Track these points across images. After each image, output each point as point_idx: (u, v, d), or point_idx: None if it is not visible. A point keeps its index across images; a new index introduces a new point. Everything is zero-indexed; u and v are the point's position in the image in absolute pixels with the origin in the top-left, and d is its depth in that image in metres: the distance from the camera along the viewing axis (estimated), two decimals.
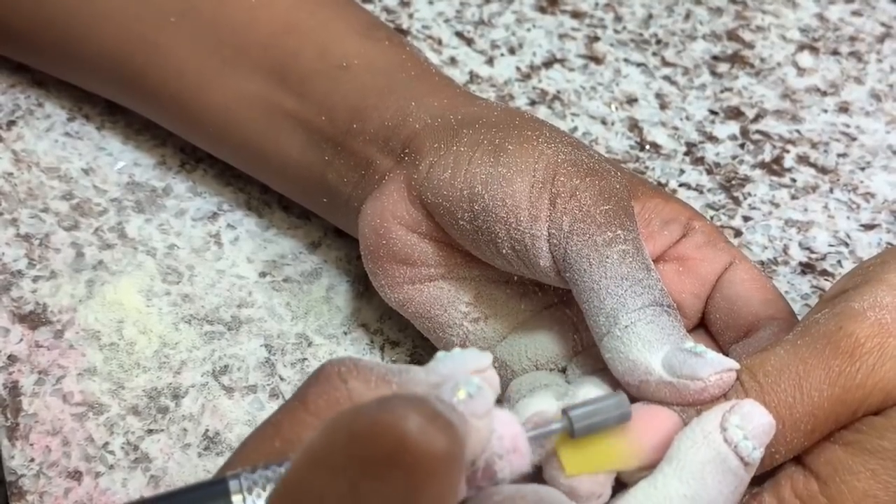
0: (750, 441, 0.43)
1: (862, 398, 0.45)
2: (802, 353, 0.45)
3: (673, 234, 0.52)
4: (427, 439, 0.33)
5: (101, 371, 0.55)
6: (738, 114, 0.67)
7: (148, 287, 0.58)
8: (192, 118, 0.59)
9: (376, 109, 0.54)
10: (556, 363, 0.52)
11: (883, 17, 0.72)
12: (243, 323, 0.57)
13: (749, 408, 0.44)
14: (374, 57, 0.56)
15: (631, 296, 0.47)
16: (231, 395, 0.55)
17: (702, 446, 0.43)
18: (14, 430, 0.53)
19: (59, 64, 0.63)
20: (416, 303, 0.53)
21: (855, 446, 0.45)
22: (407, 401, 0.35)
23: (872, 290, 0.46)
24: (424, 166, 0.51)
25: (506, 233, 0.49)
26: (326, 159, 0.55)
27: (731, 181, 0.64)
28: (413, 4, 0.71)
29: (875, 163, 0.65)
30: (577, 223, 0.48)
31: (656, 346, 0.46)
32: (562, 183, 0.49)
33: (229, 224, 0.61)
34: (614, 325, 0.46)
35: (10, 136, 0.64)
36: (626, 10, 0.72)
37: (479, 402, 0.39)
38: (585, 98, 0.67)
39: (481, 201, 0.49)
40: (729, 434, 0.43)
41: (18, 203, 0.61)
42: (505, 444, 0.41)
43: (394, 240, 0.52)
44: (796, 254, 0.61)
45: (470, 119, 0.52)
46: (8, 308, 0.57)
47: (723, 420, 0.44)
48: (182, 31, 0.58)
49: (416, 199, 0.52)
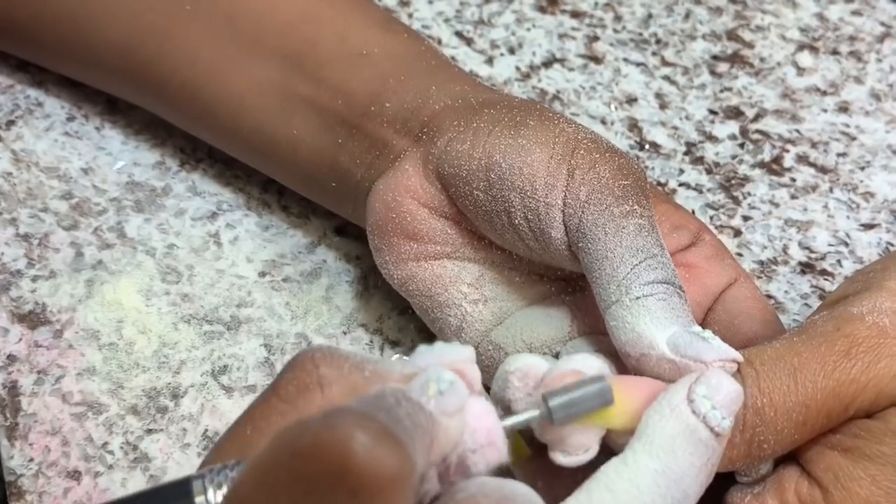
0: (718, 410, 0.43)
1: (855, 393, 0.45)
2: (798, 347, 0.45)
3: (682, 239, 0.52)
4: (373, 460, 0.32)
5: (101, 371, 0.55)
6: (737, 113, 0.67)
7: (147, 287, 0.58)
8: (202, 107, 0.59)
9: (395, 93, 0.54)
10: (549, 348, 0.52)
11: (883, 17, 0.72)
12: (243, 323, 0.57)
13: (716, 378, 0.43)
14: (393, 46, 0.57)
15: (645, 269, 0.46)
16: (230, 394, 0.55)
17: (670, 419, 0.43)
18: (13, 429, 0.53)
19: (63, 58, 0.63)
20: (418, 280, 0.54)
21: (854, 452, 0.45)
22: (353, 417, 0.34)
23: (872, 296, 0.46)
24: (443, 142, 0.51)
25: (520, 201, 0.49)
26: (340, 142, 0.55)
27: (730, 181, 0.64)
28: (413, 4, 0.71)
29: (875, 162, 0.65)
30: (595, 193, 0.48)
31: (664, 324, 0.45)
32: (581, 156, 0.49)
33: (229, 224, 0.61)
34: (625, 294, 0.46)
35: (9, 136, 0.64)
36: (626, 10, 0.72)
37: (451, 399, 0.39)
38: (585, 98, 0.67)
39: (498, 170, 0.49)
40: (696, 405, 0.43)
41: (18, 203, 0.61)
42: (478, 438, 0.40)
43: (404, 213, 0.52)
44: (796, 253, 0.61)
45: (491, 102, 0.53)
46: (7, 308, 0.57)
47: (689, 391, 0.43)
48: (196, 19, 0.58)
49: (431, 173, 0.52)
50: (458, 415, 0.39)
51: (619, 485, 0.42)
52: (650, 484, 0.42)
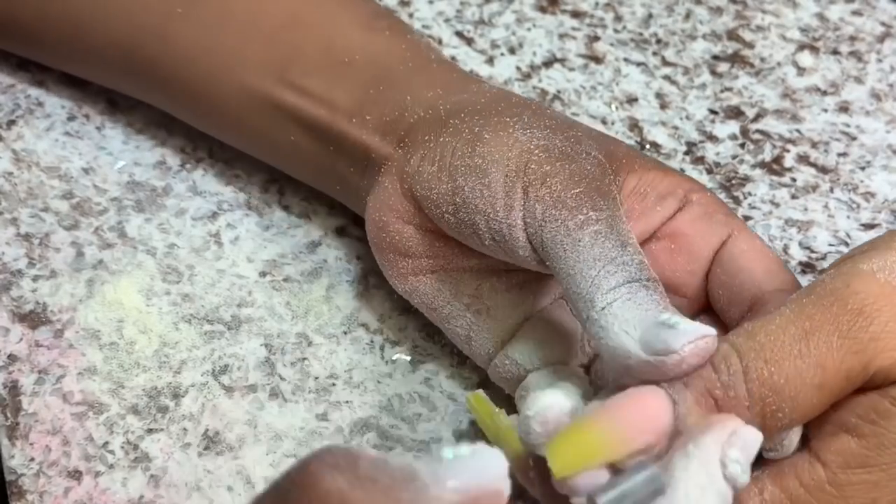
0: (746, 471, 0.43)
1: (875, 352, 0.43)
2: (808, 310, 0.44)
3: (668, 209, 0.51)
4: None
5: (101, 370, 0.55)
6: (738, 113, 0.67)
7: (148, 286, 0.58)
8: (204, 110, 0.60)
9: (375, 104, 0.55)
10: (565, 361, 0.51)
11: (883, 17, 0.72)
12: (243, 322, 0.57)
13: (747, 436, 0.43)
14: (375, 50, 0.57)
15: (605, 276, 0.45)
16: (231, 394, 0.55)
17: (708, 492, 0.42)
18: (14, 429, 0.53)
19: (66, 56, 0.63)
20: (420, 293, 0.54)
21: (870, 439, 0.44)
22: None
23: (881, 254, 0.45)
24: (415, 160, 0.52)
25: (485, 224, 0.49)
26: (332, 149, 0.56)
27: (731, 181, 0.64)
28: (413, 4, 0.71)
29: (875, 162, 0.65)
30: (549, 210, 0.47)
31: (634, 325, 0.44)
32: (533, 171, 0.48)
33: (229, 223, 0.61)
34: (591, 308, 0.45)
35: (10, 136, 0.64)
36: (627, 10, 0.72)
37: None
38: (585, 98, 0.67)
39: (462, 193, 0.49)
40: (730, 472, 0.42)
41: (18, 202, 0.61)
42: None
43: (392, 232, 0.53)
44: (796, 253, 0.61)
45: (458, 108, 0.52)
46: (8, 307, 0.57)
47: (722, 455, 0.42)
48: (188, 22, 0.58)
49: (407, 191, 0.52)
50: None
51: None
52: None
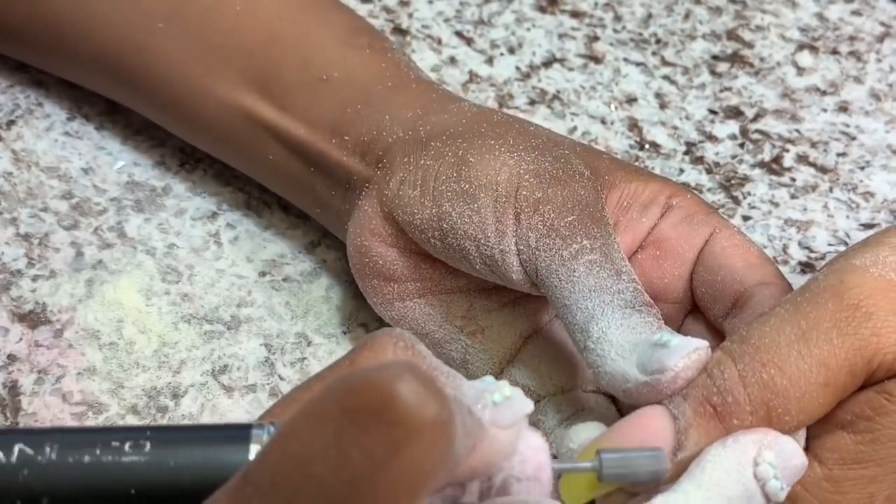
0: (780, 481, 0.42)
1: (877, 347, 0.43)
2: (804, 308, 0.44)
3: (651, 218, 0.51)
4: (416, 401, 0.33)
5: (101, 370, 0.55)
6: (737, 113, 0.67)
7: (147, 286, 0.58)
8: (186, 123, 0.59)
9: (353, 125, 0.54)
10: (575, 380, 0.51)
11: (882, 17, 0.72)
12: (243, 322, 0.57)
13: (787, 446, 0.42)
14: (354, 67, 0.56)
15: (599, 306, 0.45)
16: (230, 394, 0.55)
17: (733, 478, 0.42)
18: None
19: (57, 63, 0.63)
20: (409, 319, 0.53)
21: (865, 435, 0.43)
22: (406, 365, 0.34)
23: (873, 250, 0.45)
24: (395, 183, 0.51)
25: (476, 249, 0.49)
26: (312, 171, 0.55)
27: (730, 181, 0.64)
28: (413, 4, 0.71)
29: (874, 162, 0.65)
30: (543, 238, 0.47)
31: (630, 350, 0.44)
32: (524, 197, 0.48)
33: (229, 223, 0.61)
34: (588, 338, 0.45)
35: (9, 136, 0.64)
36: (626, 10, 0.72)
37: (505, 412, 0.38)
38: (585, 97, 0.67)
39: (449, 220, 0.49)
40: (761, 470, 0.42)
41: (18, 202, 0.61)
42: (527, 469, 0.39)
43: (374, 257, 0.52)
44: (796, 253, 0.61)
45: (438, 130, 0.52)
46: (7, 307, 0.57)
47: (757, 453, 0.42)
48: (169, 36, 0.58)
49: (388, 214, 0.51)
50: (510, 431, 0.38)
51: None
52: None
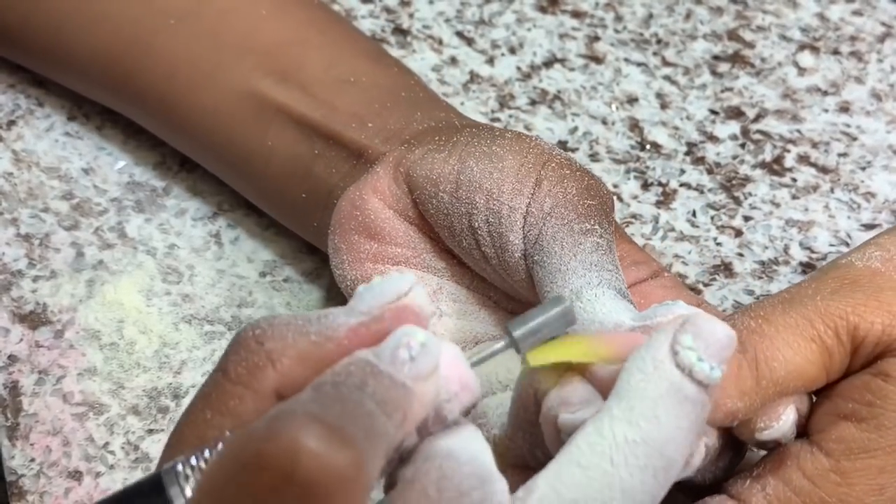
0: (706, 361, 0.39)
1: (863, 316, 0.43)
2: (790, 289, 0.45)
3: (640, 273, 0.51)
4: (319, 465, 0.32)
5: (102, 371, 0.55)
6: (738, 113, 0.67)
7: (148, 287, 0.58)
8: (177, 122, 0.59)
9: (379, 116, 0.55)
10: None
11: (883, 17, 0.72)
12: (243, 322, 0.57)
13: (702, 324, 0.40)
14: (382, 77, 0.57)
15: (597, 278, 0.46)
16: None
17: (652, 378, 0.39)
18: (14, 429, 0.53)
19: (51, 65, 0.63)
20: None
21: (869, 422, 0.43)
22: (297, 421, 0.33)
23: (860, 249, 0.46)
24: (421, 150, 0.52)
25: (485, 203, 0.49)
26: (316, 152, 0.55)
27: (731, 181, 0.64)
28: (413, 4, 0.71)
29: (876, 162, 0.65)
30: (559, 207, 0.48)
31: (621, 311, 0.44)
32: (552, 169, 0.49)
33: (229, 224, 0.61)
34: (577, 299, 0.45)
35: (10, 136, 0.64)
36: (627, 10, 0.72)
37: (424, 362, 0.38)
38: (586, 98, 0.67)
39: (469, 172, 0.50)
40: (681, 357, 0.39)
41: (18, 203, 0.61)
42: (451, 386, 0.39)
43: (368, 211, 0.52)
44: (797, 254, 0.61)
45: (474, 124, 0.54)
46: (8, 308, 0.57)
47: (673, 341, 0.39)
48: (179, 33, 0.58)
49: (400, 175, 0.52)
50: (433, 377, 0.38)
51: (591, 459, 0.39)
52: (627, 456, 0.39)
